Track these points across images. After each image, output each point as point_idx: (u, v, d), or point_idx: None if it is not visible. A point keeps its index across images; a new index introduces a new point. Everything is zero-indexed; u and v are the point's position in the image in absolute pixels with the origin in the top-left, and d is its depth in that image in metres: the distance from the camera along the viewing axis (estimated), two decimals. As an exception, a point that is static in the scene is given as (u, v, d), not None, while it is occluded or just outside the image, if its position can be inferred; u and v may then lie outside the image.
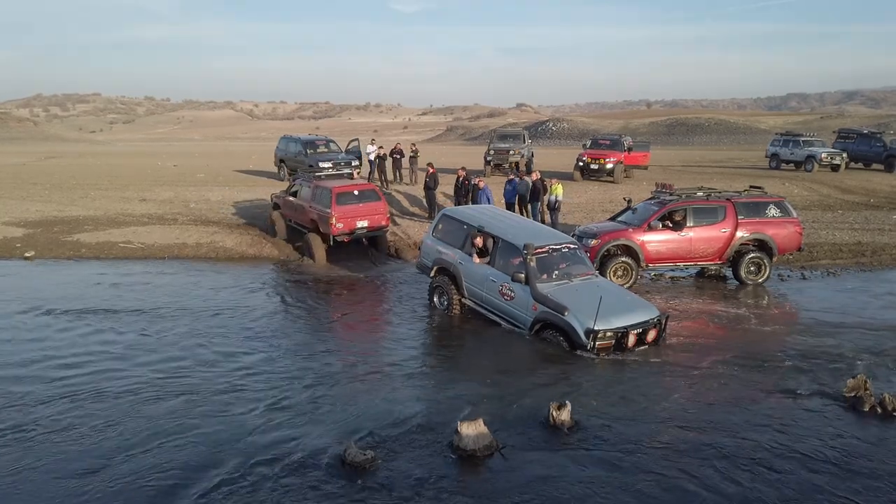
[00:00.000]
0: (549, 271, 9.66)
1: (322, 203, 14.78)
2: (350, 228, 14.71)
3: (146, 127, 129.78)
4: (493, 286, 9.99)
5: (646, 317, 9.04)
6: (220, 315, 10.79)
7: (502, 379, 8.13)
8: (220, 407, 7.21)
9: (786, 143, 29.63)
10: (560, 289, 9.37)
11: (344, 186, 15.07)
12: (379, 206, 15.27)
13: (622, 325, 8.73)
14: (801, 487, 5.66)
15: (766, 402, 7.46)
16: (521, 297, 9.47)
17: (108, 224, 17.88)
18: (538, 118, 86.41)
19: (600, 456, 6.15)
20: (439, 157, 31.03)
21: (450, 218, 11.31)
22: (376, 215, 15.14)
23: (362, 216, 14.86)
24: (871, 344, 9.39)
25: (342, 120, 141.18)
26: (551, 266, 9.74)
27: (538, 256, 9.59)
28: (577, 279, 9.76)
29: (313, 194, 15.17)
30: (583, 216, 18.29)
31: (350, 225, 14.68)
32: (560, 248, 10.00)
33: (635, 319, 8.91)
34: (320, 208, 14.80)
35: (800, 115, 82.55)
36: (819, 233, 16.83)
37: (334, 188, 14.76)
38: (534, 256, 9.50)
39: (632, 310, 9.13)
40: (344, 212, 14.57)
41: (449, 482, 5.70)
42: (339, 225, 14.50)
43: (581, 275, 9.89)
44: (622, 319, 8.80)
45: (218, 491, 5.54)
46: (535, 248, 9.55)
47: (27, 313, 10.67)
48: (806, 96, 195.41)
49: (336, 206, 14.50)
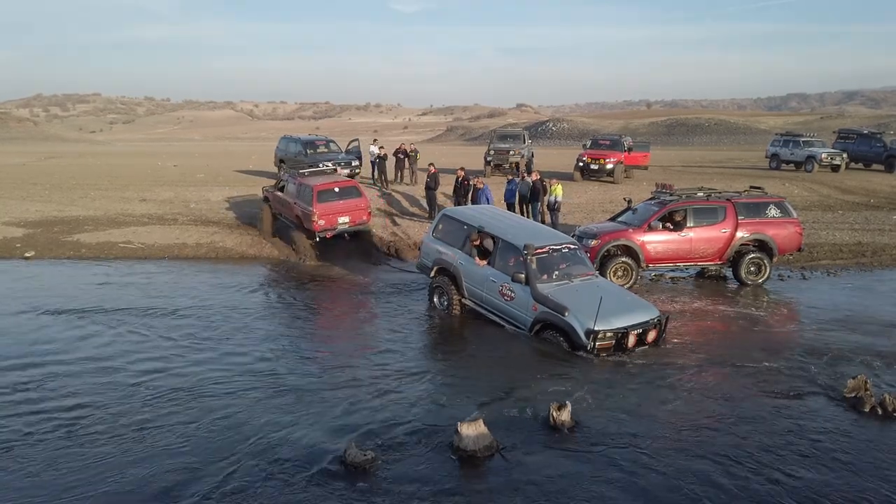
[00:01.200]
0: (550, 272, 9.65)
1: (304, 200, 15.17)
2: (331, 225, 15.13)
3: (146, 127, 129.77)
4: (493, 286, 9.98)
5: (646, 317, 9.03)
6: (219, 315, 10.78)
7: (502, 379, 8.12)
8: (220, 407, 7.21)
9: (786, 144, 29.61)
10: (560, 289, 9.36)
11: (325, 184, 15.41)
12: (360, 203, 15.61)
13: (622, 326, 8.73)
14: (802, 487, 5.65)
15: (767, 402, 7.45)
16: (521, 297, 9.47)
17: (108, 224, 17.88)
18: (538, 118, 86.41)
19: (601, 456, 6.14)
20: (439, 158, 31.01)
21: (450, 218, 11.31)
22: (357, 211, 15.49)
23: (343, 212, 15.26)
24: (871, 344, 9.38)
25: (342, 120, 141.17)
26: (551, 266, 9.73)
27: (538, 257, 9.58)
28: (578, 279, 9.75)
29: (297, 191, 15.57)
30: (583, 216, 18.28)
31: (331, 221, 15.09)
32: (560, 249, 9.99)
33: (635, 320, 8.90)
34: (303, 205, 15.19)
35: (800, 116, 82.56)
36: (819, 233, 16.82)
37: (315, 186, 15.09)
38: (534, 257, 9.49)
39: (632, 310, 9.12)
40: (325, 209, 14.94)
41: (449, 483, 5.69)
42: (320, 222, 14.90)
43: (581, 275, 9.89)
44: (622, 320, 8.79)
45: (218, 491, 5.53)
46: (535, 249, 9.54)
47: (27, 313, 10.68)
48: (806, 96, 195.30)
49: (317, 203, 14.86)
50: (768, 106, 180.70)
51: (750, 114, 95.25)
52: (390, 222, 18.22)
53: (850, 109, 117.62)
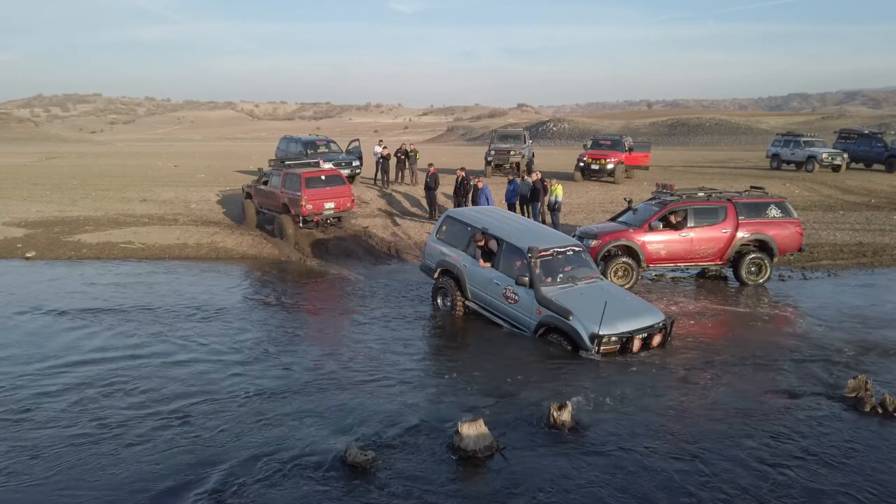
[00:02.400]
0: (554, 274, 9.57)
1: (292, 188, 16.14)
2: (318, 209, 16.13)
3: (147, 127, 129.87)
4: (496, 289, 9.90)
5: (651, 321, 8.93)
6: (218, 315, 10.77)
7: (503, 379, 8.11)
8: (219, 408, 7.20)
9: (787, 144, 29.59)
10: (564, 292, 9.27)
11: (312, 172, 16.57)
12: (345, 190, 16.69)
13: (627, 331, 8.65)
14: (802, 488, 5.64)
15: (767, 402, 7.45)
16: (524, 300, 9.38)
17: (108, 224, 17.90)
18: (539, 118, 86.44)
19: (601, 457, 6.13)
20: (440, 158, 31.04)
21: (454, 220, 11.22)
22: (342, 198, 16.54)
23: (329, 198, 16.28)
24: (872, 344, 9.37)
25: (342, 120, 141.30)
26: (555, 269, 9.65)
27: (542, 259, 9.50)
28: (582, 282, 9.66)
29: (284, 180, 16.49)
30: (583, 217, 18.28)
31: (318, 206, 16.09)
32: (565, 251, 9.90)
33: (640, 324, 8.80)
34: (290, 192, 16.17)
35: (801, 116, 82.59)
36: (820, 233, 16.81)
37: (303, 173, 16.18)
38: (538, 260, 9.41)
39: (637, 315, 9.01)
40: (312, 194, 15.94)
41: (449, 483, 5.69)
42: (308, 206, 15.86)
43: (586, 278, 9.80)
44: (627, 324, 8.71)
45: (218, 492, 5.53)
46: (539, 252, 9.45)
47: (28, 313, 10.69)
48: (807, 96, 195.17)
49: (305, 189, 15.83)
50: (769, 106, 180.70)
51: (751, 114, 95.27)
52: (391, 222, 18.23)
53: (851, 109, 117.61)
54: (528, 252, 9.40)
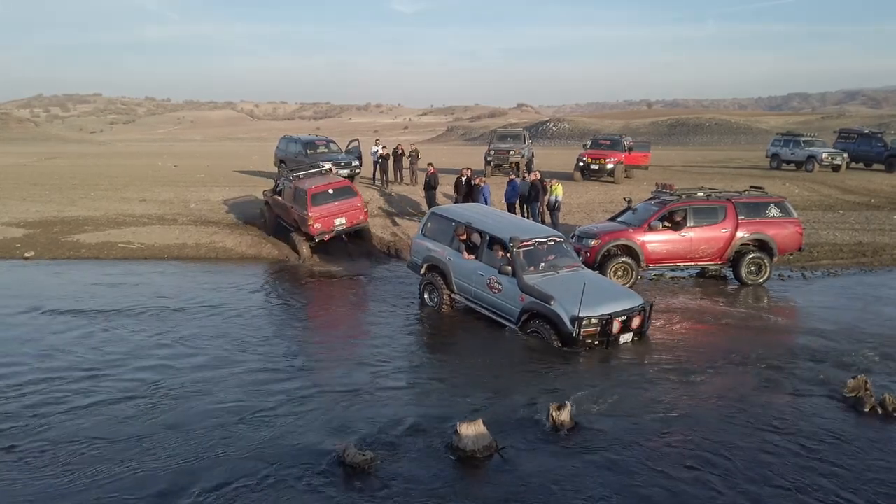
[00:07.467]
0: (536, 263, 9.90)
1: (300, 204, 15.08)
2: (328, 227, 15.03)
3: (147, 127, 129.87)
4: (481, 280, 10.19)
5: (630, 305, 9.27)
6: (217, 316, 10.77)
7: (502, 379, 8.12)
8: (217, 408, 7.19)
9: (786, 144, 29.56)
10: (546, 280, 9.60)
11: (319, 187, 15.29)
12: (356, 202, 15.51)
13: (606, 313, 8.94)
14: (801, 488, 5.63)
15: (767, 402, 7.44)
16: (508, 289, 9.68)
17: (108, 224, 17.89)
18: (539, 118, 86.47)
19: (600, 456, 6.13)
20: (440, 158, 31.00)
21: (438, 216, 11.58)
22: (353, 211, 15.38)
23: (339, 214, 15.17)
24: (871, 344, 9.35)
25: (342, 120, 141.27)
26: (537, 258, 9.99)
27: (524, 249, 9.87)
28: (564, 271, 10.00)
29: (293, 195, 15.49)
30: (583, 216, 18.27)
31: (328, 224, 15.01)
32: (546, 242, 10.24)
33: (619, 307, 9.13)
34: (299, 209, 15.12)
35: (801, 115, 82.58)
36: (819, 233, 16.80)
37: (309, 189, 14.99)
38: (520, 249, 9.76)
39: (616, 298, 9.39)
40: (321, 212, 14.86)
41: (448, 483, 5.68)
42: (317, 226, 14.83)
43: (567, 267, 10.15)
44: (607, 307, 9.02)
45: (217, 492, 5.52)
46: (520, 241, 9.83)
47: (28, 312, 10.68)
48: (807, 96, 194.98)
49: (312, 207, 14.76)
50: (769, 106, 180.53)
51: (751, 113, 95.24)
52: (390, 222, 18.22)
53: (850, 109, 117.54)
54: (511, 241, 9.73)
